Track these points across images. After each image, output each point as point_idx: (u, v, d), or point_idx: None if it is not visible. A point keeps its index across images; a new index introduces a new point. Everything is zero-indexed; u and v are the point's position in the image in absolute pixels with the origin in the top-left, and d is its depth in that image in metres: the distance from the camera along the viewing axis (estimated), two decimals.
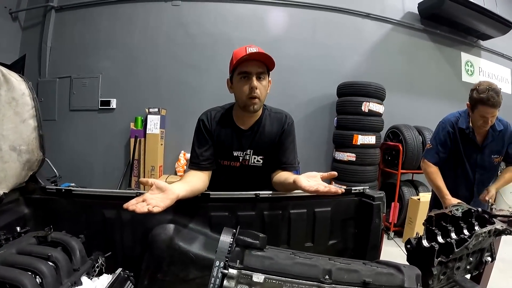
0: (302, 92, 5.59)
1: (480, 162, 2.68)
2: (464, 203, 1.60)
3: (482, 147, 2.66)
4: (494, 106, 2.40)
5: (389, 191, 5.01)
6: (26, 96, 1.43)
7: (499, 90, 2.43)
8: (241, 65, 1.70)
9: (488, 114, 2.44)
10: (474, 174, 2.71)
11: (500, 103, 2.40)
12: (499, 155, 2.70)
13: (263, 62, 1.72)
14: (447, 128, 2.70)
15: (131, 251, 1.52)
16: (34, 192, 1.56)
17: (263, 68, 1.73)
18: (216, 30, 5.42)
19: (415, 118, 5.74)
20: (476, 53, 6.90)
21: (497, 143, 2.67)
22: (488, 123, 2.49)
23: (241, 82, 1.72)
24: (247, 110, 1.75)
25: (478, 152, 2.67)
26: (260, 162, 1.89)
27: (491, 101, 2.38)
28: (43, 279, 1.01)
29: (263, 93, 1.74)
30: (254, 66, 1.69)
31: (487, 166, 2.71)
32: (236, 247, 1.03)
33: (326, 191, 1.29)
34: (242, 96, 1.72)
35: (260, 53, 1.66)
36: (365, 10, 5.83)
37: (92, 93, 5.34)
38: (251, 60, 1.68)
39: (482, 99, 2.41)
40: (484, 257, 1.38)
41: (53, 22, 5.43)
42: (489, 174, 2.76)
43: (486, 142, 2.65)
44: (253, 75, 1.69)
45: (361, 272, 1.03)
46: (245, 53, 1.64)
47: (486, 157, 2.68)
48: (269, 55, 1.68)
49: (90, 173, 5.40)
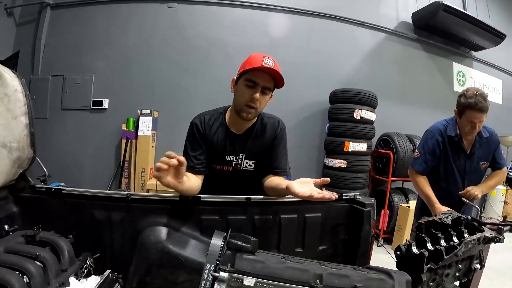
0: (295, 98, 5.60)
1: (468, 169, 2.71)
2: (453, 210, 1.61)
3: (470, 154, 2.69)
4: (481, 111, 2.43)
5: (379, 198, 5.00)
6: (19, 92, 1.41)
7: (486, 95, 2.47)
8: (252, 73, 1.67)
9: (476, 119, 2.47)
10: (463, 181, 2.73)
11: (487, 108, 2.44)
12: (486, 162, 2.74)
13: (273, 79, 1.70)
14: (436, 136, 2.71)
15: (120, 252, 1.51)
16: (24, 190, 1.53)
17: (271, 84, 1.71)
18: (211, 34, 5.43)
19: (406, 126, 5.79)
20: (468, 63, 7.01)
21: (484, 150, 2.71)
22: (475, 128, 2.52)
23: (245, 88, 1.69)
24: (240, 116, 1.74)
25: (466, 158, 2.69)
26: (252, 166, 1.89)
27: (478, 106, 2.41)
28: (31, 278, 1.00)
29: (261, 106, 1.73)
30: (263, 79, 1.67)
31: (475, 172, 2.74)
32: (227, 250, 1.03)
33: (320, 197, 1.28)
34: (241, 101, 1.70)
35: (274, 70, 1.63)
36: (360, 19, 5.89)
37: (85, 93, 5.31)
38: (264, 72, 1.66)
39: (470, 104, 2.45)
40: (473, 265, 1.39)
41: (48, 19, 5.40)
42: (477, 181, 2.78)
43: (474, 149, 2.68)
44: (260, 87, 1.67)
45: (352, 277, 1.04)
46: (261, 63, 1.61)
47: (474, 164, 2.71)
48: (282, 75, 1.66)
49: (80, 173, 5.34)
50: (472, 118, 2.48)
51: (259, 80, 1.66)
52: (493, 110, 7.16)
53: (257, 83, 1.66)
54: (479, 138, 2.67)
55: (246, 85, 1.69)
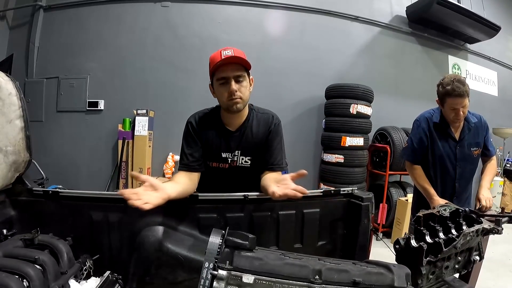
0: (290, 94, 5.61)
1: (460, 156, 2.68)
2: (451, 203, 1.61)
3: (459, 140, 2.67)
4: (461, 96, 2.42)
5: (377, 192, 5.03)
6: (13, 96, 1.40)
7: (463, 79, 2.46)
8: (218, 71, 1.70)
9: (457, 105, 2.46)
10: (455, 169, 2.70)
11: (466, 92, 2.42)
12: (477, 147, 2.72)
13: (240, 64, 1.71)
14: (421, 125, 2.73)
15: (119, 253, 1.50)
16: (21, 194, 1.52)
17: (241, 71, 1.72)
18: (205, 32, 5.41)
19: (403, 120, 5.76)
20: (463, 56, 7.03)
21: (474, 136, 2.69)
22: (459, 114, 2.49)
23: (220, 87, 1.72)
24: (230, 111, 1.75)
25: (456, 145, 2.67)
26: (248, 163, 1.89)
27: (456, 91, 2.40)
28: (30, 282, 1.00)
29: (244, 94, 1.74)
30: (231, 70, 1.69)
31: (467, 160, 2.71)
32: (226, 248, 1.03)
33: (293, 194, 1.32)
34: (223, 100, 1.73)
35: (234, 57, 1.65)
36: (353, 13, 5.88)
37: (80, 94, 5.27)
38: (227, 64, 1.67)
39: (447, 91, 2.45)
40: (472, 256, 1.40)
41: (41, 21, 5.36)
42: (471, 167, 2.76)
43: (463, 135, 2.66)
44: (231, 79, 1.68)
45: (351, 272, 1.04)
46: (220, 57, 1.64)
47: (465, 150, 2.68)
48: (243, 57, 1.69)
49: (78, 175, 5.32)
50: (454, 105, 2.47)
51: (227, 73, 1.68)
52: (489, 102, 7.20)
53: (227, 77, 1.68)
54: (467, 124, 2.66)
55: (219, 84, 1.72)
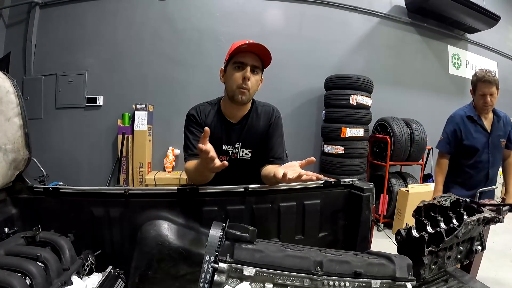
0: (290, 86, 5.60)
1: (491, 146, 3.00)
2: (452, 194, 1.61)
3: (491, 131, 3.00)
4: (490, 83, 2.80)
5: (378, 183, 5.05)
6: (11, 94, 1.39)
7: (494, 72, 2.95)
8: (238, 55, 1.73)
9: (487, 91, 2.83)
10: (488, 157, 3.00)
11: (496, 81, 2.81)
12: (504, 139, 3.07)
13: (260, 58, 1.75)
14: (455, 119, 3.06)
15: (121, 248, 1.51)
16: (21, 191, 1.52)
17: (259, 63, 1.77)
18: (202, 25, 5.38)
19: (403, 110, 5.79)
20: (463, 46, 6.99)
21: (502, 127, 3.04)
22: (487, 102, 2.86)
23: (235, 71, 1.74)
24: (235, 100, 1.76)
25: (488, 135, 2.99)
26: (249, 155, 1.90)
27: (486, 78, 2.80)
28: (33, 279, 0.99)
29: (253, 87, 1.77)
30: (250, 58, 1.73)
31: (497, 149, 3.05)
32: (226, 241, 1.03)
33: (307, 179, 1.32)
34: (233, 85, 1.74)
35: (259, 44, 1.69)
36: (352, 4, 5.86)
37: (78, 90, 5.25)
38: (248, 52, 1.71)
39: (479, 77, 2.86)
40: (474, 246, 1.40)
41: (37, 19, 5.30)
42: (499, 156, 3.10)
43: (493, 126, 3.01)
44: (248, 66, 1.72)
45: (352, 263, 1.04)
46: (245, 43, 1.68)
47: (495, 140, 3.01)
48: (268, 49, 1.71)
49: (78, 171, 5.32)
50: (484, 91, 2.84)
51: (246, 59, 1.72)
52: None
53: (245, 63, 1.72)
54: (496, 117, 3.01)
55: (235, 68, 1.75)
